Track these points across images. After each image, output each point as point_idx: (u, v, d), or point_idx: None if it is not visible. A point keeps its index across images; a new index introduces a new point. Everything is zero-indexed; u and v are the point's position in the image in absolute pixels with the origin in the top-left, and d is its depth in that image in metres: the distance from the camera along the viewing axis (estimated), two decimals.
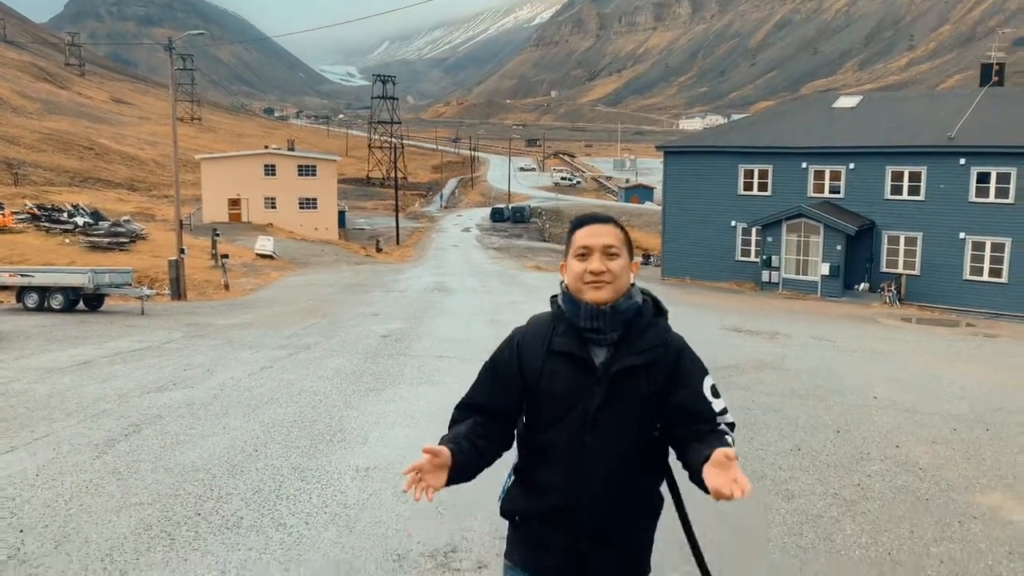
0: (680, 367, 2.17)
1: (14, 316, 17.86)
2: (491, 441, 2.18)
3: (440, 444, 2.05)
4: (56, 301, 19.80)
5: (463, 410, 2.26)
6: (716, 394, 2.19)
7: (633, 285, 2.22)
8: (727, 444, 2.04)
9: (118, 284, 20.82)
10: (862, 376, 11.74)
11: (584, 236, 2.19)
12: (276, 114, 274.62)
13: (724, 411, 2.18)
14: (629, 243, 2.24)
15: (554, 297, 2.28)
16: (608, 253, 2.16)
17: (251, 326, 16.81)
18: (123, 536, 4.62)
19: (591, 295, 2.14)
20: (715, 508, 2.42)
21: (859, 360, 13.72)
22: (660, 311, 2.25)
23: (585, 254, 2.17)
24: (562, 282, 2.26)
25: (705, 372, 2.21)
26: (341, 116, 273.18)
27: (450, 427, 2.22)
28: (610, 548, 2.13)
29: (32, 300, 19.89)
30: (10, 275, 19.31)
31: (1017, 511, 5.58)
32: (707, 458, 1.95)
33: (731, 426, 2.18)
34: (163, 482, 5.67)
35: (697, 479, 2.00)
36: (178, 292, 25.69)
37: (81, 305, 20.50)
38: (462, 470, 2.06)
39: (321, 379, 10.07)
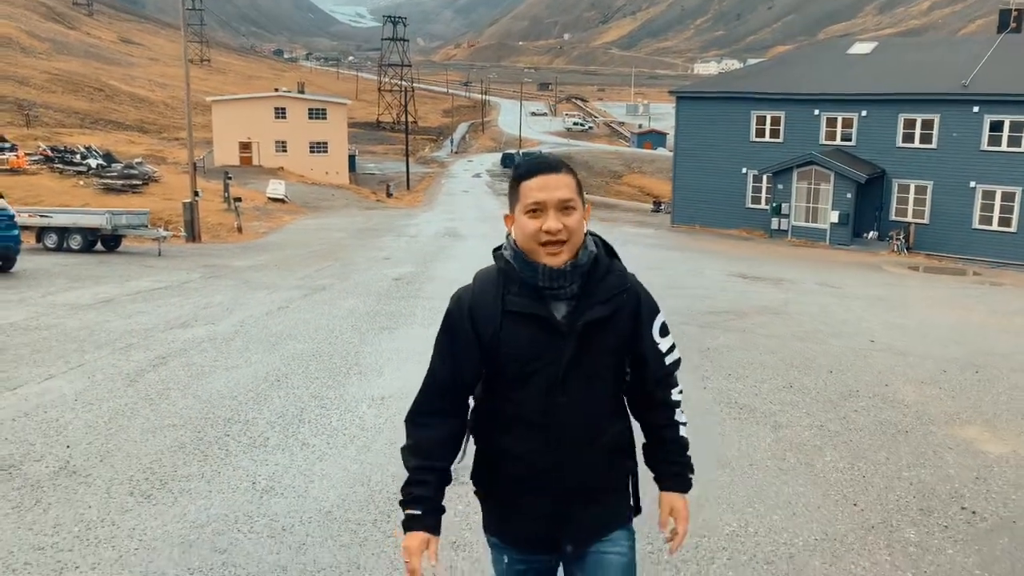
0: (640, 311, 2.06)
1: (35, 255, 18.33)
2: (455, 443, 2.08)
3: (409, 502, 2.04)
4: (75, 241, 20.24)
5: (427, 402, 2.08)
6: (664, 332, 2.12)
7: (587, 233, 2.04)
8: (679, 459, 2.15)
9: (135, 225, 21.21)
10: (862, 321, 12.04)
11: (536, 190, 1.95)
12: (286, 56, 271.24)
13: (671, 349, 2.13)
14: (580, 188, 2.04)
15: (498, 250, 2.07)
16: (564, 208, 1.95)
17: (266, 268, 17.21)
18: (160, 453, 5.06)
19: (548, 260, 1.95)
20: (695, 433, 2.68)
21: (861, 306, 14.00)
22: (611, 253, 2.10)
23: (538, 210, 1.94)
24: (508, 235, 2.06)
25: (656, 311, 2.11)
26: (351, 58, 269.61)
27: (409, 440, 2.10)
28: (595, 504, 2.05)
29: (51, 240, 20.33)
30: (30, 215, 19.69)
31: (991, 443, 5.95)
32: (663, 487, 2.14)
33: (676, 364, 2.15)
34: (193, 408, 6.11)
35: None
36: (193, 234, 26.09)
37: (99, 246, 20.95)
38: (440, 511, 2.06)
39: (336, 318, 10.46)
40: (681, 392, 2.19)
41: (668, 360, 2.12)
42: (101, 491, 4.40)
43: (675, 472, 2.13)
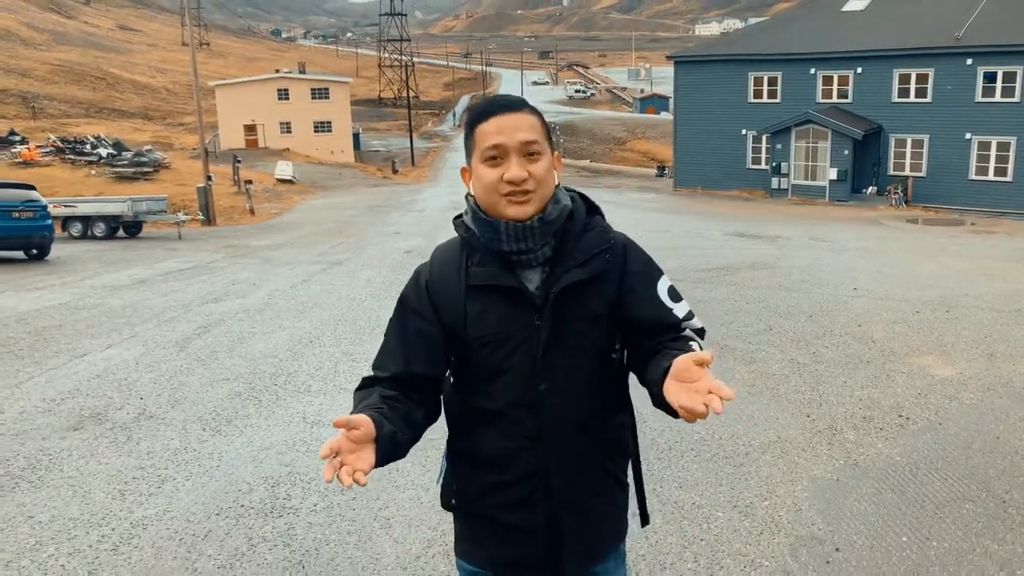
0: (628, 272, 1.73)
1: (63, 244, 19.25)
2: (414, 408, 1.70)
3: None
4: (99, 229, 21.19)
5: (372, 384, 1.74)
6: (676, 297, 1.75)
7: (558, 186, 1.73)
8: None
9: (155, 211, 22.14)
10: (849, 272, 12.78)
11: (493, 132, 1.65)
12: (284, 35, 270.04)
13: (689, 316, 1.74)
14: (548, 132, 1.74)
15: (459, 218, 1.77)
16: (528, 152, 1.65)
17: (283, 247, 18.08)
18: (221, 400, 5.95)
19: (513, 212, 1.65)
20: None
21: (851, 258, 14.73)
22: (592, 208, 1.80)
23: (497, 157, 1.65)
24: (468, 195, 1.76)
25: (658, 272, 1.78)
26: (349, 35, 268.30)
27: (356, 404, 1.69)
28: (588, 516, 1.77)
29: (76, 229, 21.29)
30: (55, 205, 20.59)
31: (941, 368, 6.75)
32: (667, 370, 1.47)
33: (700, 332, 1.74)
34: (240, 366, 6.99)
35: (660, 401, 1.51)
36: (209, 218, 26.98)
37: (120, 232, 21.89)
38: (390, 441, 1.55)
39: (356, 288, 11.32)
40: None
41: (687, 326, 1.73)
42: (178, 428, 5.29)
43: (681, 348, 1.60)
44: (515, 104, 1.69)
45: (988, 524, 3.73)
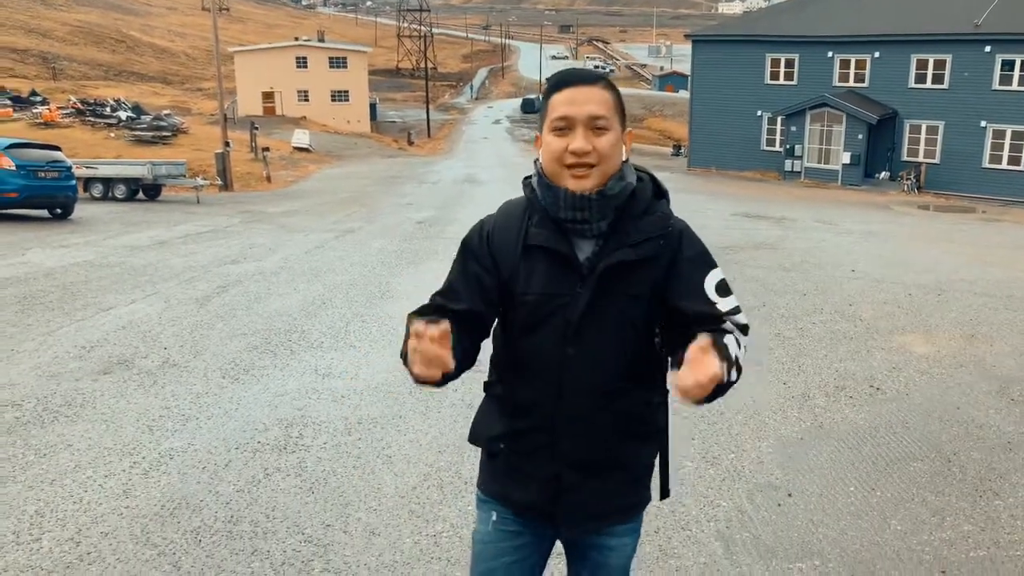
0: (680, 258, 1.77)
1: (85, 204, 19.71)
2: (462, 346, 1.73)
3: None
4: (119, 191, 21.65)
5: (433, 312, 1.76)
6: (724, 292, 1.78)
7: (626, 162, 1.79)
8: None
9: (174, 175, 22.57)
10: (850, 254, 13.06)
11: (563, 103, 1.72)
12: (304, 2, 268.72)
13: (734, 311, 1.77)
14: (622, 109, 1.79)
15: (527, 179, 1.87)
16: (595, 127, 1.71)
17: (298, 213, 18.49)
18: (240, 351, 6.38)
19: (572, 184, 1.72)
20: None
21: (854, 241, 14.99)
22: (660, 192, 1.84)
23: (564, 128, 1.72)
24: (537, 160, 1.84)
25: (711, 265, 1.80)
26: (369, 3, 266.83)
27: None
28: (596, 478, 1.82)
29: (97, 190, 21.76)
30: (78, 167, 21.02)
31: (921, 346, 7.09)
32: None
33: (743, 328, 1.78)
34: (257, 322, 7.42)
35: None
36: (225, 183, 27.42)
37: (140, 195, 22.35)
38: (458, 357, 1.60)
39: (368, 255, 11.73)
40: (745, 349, 1.75)
41: (732, 321, 1.77)
42: (200, 376, 5.73)
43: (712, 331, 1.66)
44: (590, 78, 1.76)
45: (931, 479, 4.11)
